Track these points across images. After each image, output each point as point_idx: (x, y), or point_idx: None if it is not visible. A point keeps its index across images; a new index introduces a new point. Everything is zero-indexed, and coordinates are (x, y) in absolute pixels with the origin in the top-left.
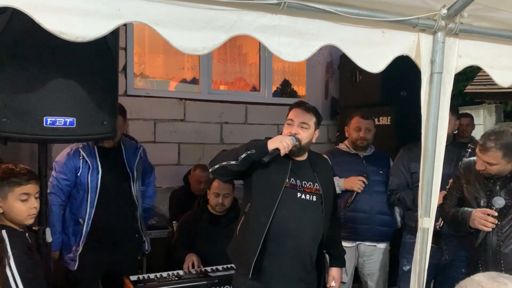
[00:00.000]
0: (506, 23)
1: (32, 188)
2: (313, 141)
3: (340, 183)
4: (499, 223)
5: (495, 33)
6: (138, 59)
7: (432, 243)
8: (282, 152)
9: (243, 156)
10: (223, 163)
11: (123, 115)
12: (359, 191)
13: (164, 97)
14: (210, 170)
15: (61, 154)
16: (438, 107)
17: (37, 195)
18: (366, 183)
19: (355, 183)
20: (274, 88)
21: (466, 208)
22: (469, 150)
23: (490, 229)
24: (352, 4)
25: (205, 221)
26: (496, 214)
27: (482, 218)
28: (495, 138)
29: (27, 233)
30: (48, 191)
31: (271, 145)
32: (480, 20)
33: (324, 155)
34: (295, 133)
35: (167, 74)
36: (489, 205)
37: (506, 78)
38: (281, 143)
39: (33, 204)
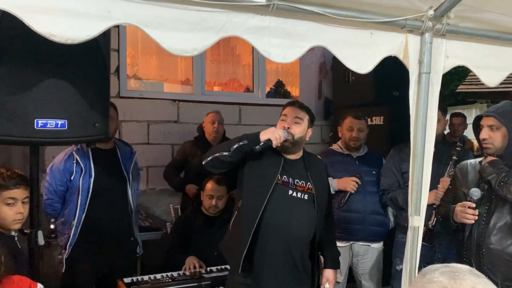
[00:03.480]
0: (492, 24)
1: (19, 193)
2: (307, 138)
3: (333, 184)
4: (484, 217)
5: (482, 33)
6: (131, 61)
7: (425, 242)
8: (274, 144)
9: (235, 146)
10: (216, 155)
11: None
12: (353, 191)
13: (157, 99)
14: (204, 163)
15: (56, 159)
16: (426, 107)
17: (25, 201)
18: (360, 183)
19: (349, 183)
20: (267, 89)
21: (451, 205)
22: (458, 148)
23: (473, 221)
24: (341, 6)
25: (199, 222)
26: (473, 205)
27: (463, 211)
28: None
29: (16, 237)
30: (45, 197)
31: (264, 136)
32: (467, 21)
33: (318, 156)
34: (288, 127)
35: (160, 75)
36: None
37: (493, 77)
38: (273, 134)
39: (19, 209)
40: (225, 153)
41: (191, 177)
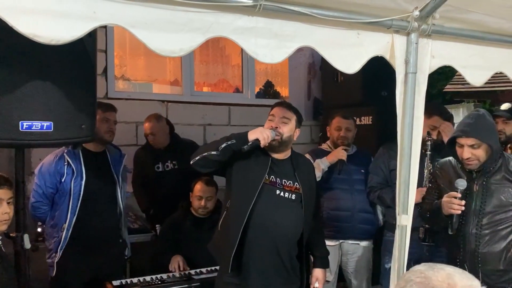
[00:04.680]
0: (476, 24)
1: (4, 193)
2: (294, 139)
3: (323, 161)
4: (477, 223)
5: (466, 33)
6: (119, 62)
7: (427, 242)
8: (262, 143)
9: (223, 145)
10: (204, 154)
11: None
12: (345, 158)
13: (146, 100)
14: (192, 162)
15: (46, 161)
16: (413, 106)
17: (9, 201)
18: (349, 149)
19: (338, 152)
20: (257, 89)
21: (438, 201)
22: (429, 142)
23: (459, 211)
24: (328, 6)
25: (188, 224)
26: (459, 195)
27: (449, 202)
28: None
29: (0, 241)
30: (33, 200)
31: (252, 135)
32: (452, 22)
33: (307, 155)
34: (276, 127)
35: (148, 76)
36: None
37: (478, 77)
38: (261, 134)
39: (5, 210)
40: (213, 152)
41: (150, 192)
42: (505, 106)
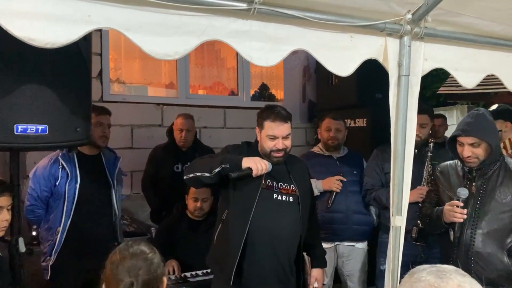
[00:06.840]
0: (468, 27)
1: (4, 200)
2: None
3: (318, 185)
4: (473, 222)
5: (458, 36)
6: (114, 65)
7: (419, 242)
8: (254, 173)
9: (217, 170)
10: (197, 174)
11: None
12: (338, 190)
13: (141, 103)
14: (185, 178)
15: (40, 164)
16: (406, 108)
17: (9, 207)
18: (345, 180)
19: (333, 183)
20: (252, 92)
21: (439, 207)
22: (431, 144)
23: (461, 220)
24: (321, 10)
25: (184, 226)
26: (461, 204)
27: (451, 211)
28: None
29: None
30: (28, 203)
31: (245, 163)
32: (444, 25)
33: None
34: (283, 148)
35: (144, 79)
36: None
37: (470, 79)
38: (255, 164)
39: (5, 217)
40: (206, 175)
41: (164, 192)
42: (493, 107)
